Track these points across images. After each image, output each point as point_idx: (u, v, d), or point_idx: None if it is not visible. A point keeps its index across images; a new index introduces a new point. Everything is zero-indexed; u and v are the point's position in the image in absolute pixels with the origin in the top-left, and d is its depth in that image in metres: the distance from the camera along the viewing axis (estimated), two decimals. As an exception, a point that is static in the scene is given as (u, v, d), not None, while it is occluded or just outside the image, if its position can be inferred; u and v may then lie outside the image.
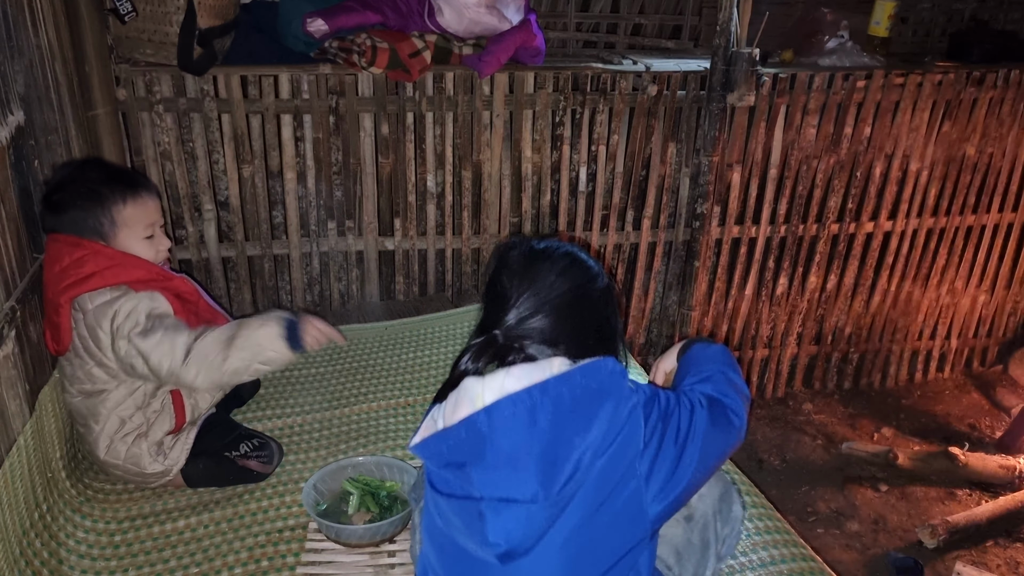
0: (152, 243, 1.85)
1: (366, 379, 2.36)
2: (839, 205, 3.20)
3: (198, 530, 1.77)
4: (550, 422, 1.11)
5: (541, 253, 1.28)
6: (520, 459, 1.11)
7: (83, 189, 1.78)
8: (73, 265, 1.74)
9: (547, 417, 1.11)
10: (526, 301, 1.23)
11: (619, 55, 3.18)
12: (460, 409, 1.16)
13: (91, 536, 1.74)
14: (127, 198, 1.80)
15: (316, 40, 2.68)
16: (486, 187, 2.97)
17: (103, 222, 1.78)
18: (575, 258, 1.29)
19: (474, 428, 1.13)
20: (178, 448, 1.88)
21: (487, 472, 1.12)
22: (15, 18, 1.81)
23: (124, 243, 1.80)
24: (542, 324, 1.22)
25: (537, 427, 1.11)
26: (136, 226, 1.81)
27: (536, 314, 1.22)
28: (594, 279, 1.29)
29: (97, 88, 2.39)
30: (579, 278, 1.27)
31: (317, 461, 1.99)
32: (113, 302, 1.75)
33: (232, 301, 3.00)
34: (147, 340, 1.73)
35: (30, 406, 1.69)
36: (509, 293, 1.24)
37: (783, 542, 1.72)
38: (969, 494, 2.90)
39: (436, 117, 2.85)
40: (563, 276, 1.25)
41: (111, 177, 1.82)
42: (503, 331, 1.23)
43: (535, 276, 1.24)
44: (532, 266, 1.26)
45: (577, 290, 1.26)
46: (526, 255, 1.28)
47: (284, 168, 2.82)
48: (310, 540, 1.74)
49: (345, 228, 2.96)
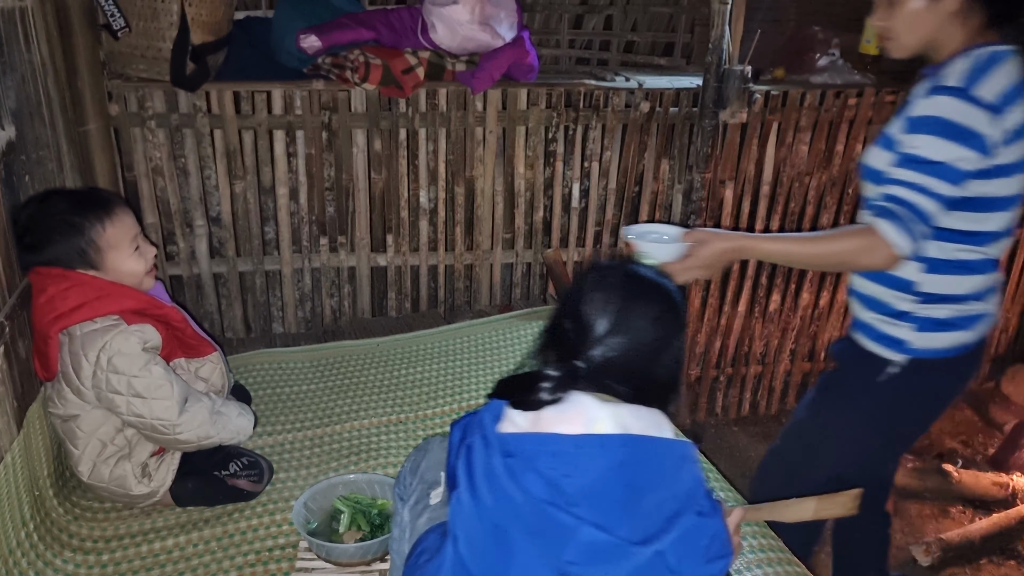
0: (140, 254, 1.84)
1: (357, 396, 2.35)
2: (831, 222, 3.20)
3: (187, 549, 1.75)
4: (641, 476, 1.15)
5: (639, 289, 1.25)
6: (607, 493, 1.13)
7: (56, 223, 1.74)
8: (59, 296, 1.71)
9: (642, 473, 1.15)
10: (615, 339, 1.20)
11: (612, 72, 3.20)
12: (573, 423, 1.17)
13: (78, 555, 1.71)
14: (104, 221, 1.77)
15: (309, 56, 2.68)
16: (479, 203, 2.97)
17: (88, 251, 1.75)
18: (672, 304, 1.26)
19: (586, 448, 1.14)
20: (164, 469, 1.85)
21: (581, 492, 1.14)
22: (7, 33, 1.80)
23: (114, 265, 1.78)
24: (626, 366, 1.21)
25: (628, 476, 1.14)
26: (121, 245, 1.79)
27: (623, 355, 1.20)
28: (682, 329, 1.27)
29: (89, 103, 2.38)
30: (671, 327, 1.24)
31: (308, 479, 1.97)
32: (104, 332, 1.73)
33: (223, 317, 2.98)
34: (144, 382, 1.73)
35: (18, 424, 1.67)
36: (597, 325, 1.21)
37: (778, 560, 1.71)
38: (963, 511, 2.89)
39: (429, 133, 2.85)
40: (657, 322, 1.23)
41: (80, 204, 1.78)
42: (587, 364, 1.20)
43: (629, 315, 1.21)
44: (629, 303, 1.23)
45: (666, 340, 1.23)
46: (625, 287, 1.25)
47: (276, 184, 2.82)
48: (300, 559, 1.72)
49: (337, 244, 2.96)
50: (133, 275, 1.83)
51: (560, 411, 1.18)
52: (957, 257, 1.63)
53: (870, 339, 1.76)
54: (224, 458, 1.91)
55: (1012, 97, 1.53)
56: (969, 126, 1.51)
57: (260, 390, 2.34)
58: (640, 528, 1.13)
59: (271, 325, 3.05)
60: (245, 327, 3.03)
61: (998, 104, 1.51)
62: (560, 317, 1.27)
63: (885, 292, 1.71)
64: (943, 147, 1.53)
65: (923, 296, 1.66)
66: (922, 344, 1.69)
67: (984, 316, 1.70)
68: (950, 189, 1.54)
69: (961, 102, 1.51)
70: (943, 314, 1.66)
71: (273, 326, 3.05)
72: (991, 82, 1.52)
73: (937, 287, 1.65)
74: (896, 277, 1.68)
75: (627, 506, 1.13)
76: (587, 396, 1.19)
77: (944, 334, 1.67)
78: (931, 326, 1.67)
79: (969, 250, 1.63)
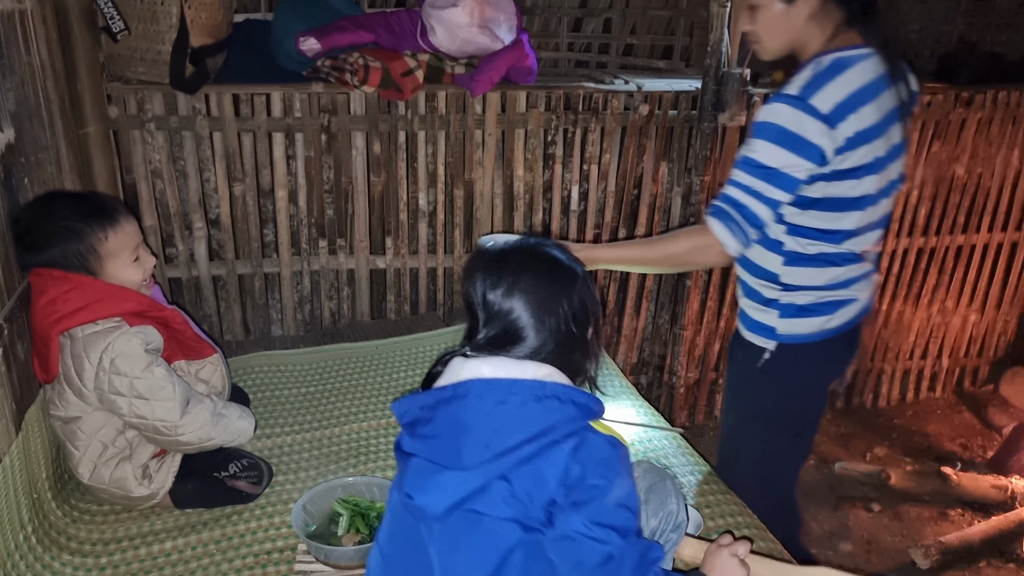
0: (139, 264, 1.84)
1: (357, 398, 2.35)
2: (830, 224, 3.20)
3: (186, 552, 1.75)
4: (505, 414, 1.18)
5: (523, 252, 1.32)
6: (464, 432, 1.18)
7: (59, 227, 1.74)
8: (60, 298, 1.71)
9: (507, 408, 1.18)
10: (508, 303, 1.26)
11: (611, 75, 3.20)
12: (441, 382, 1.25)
13: (77, 558, 1.71)
14: (107, 230, 1.76)
15: (309, 59, 2.68)
16: (478, 206, 2.97)
17: (88, 257, 1.75)
18: (556, 261, 1.32)
19: (443, 396, 1.21)
20: (164, 471, 1.85)
21: (431, 436, 1.21)
22: (7, 36, 1.80)
23: (112, 272, 1.78)
24: (522, 329, 1.26)
25: (505, 411, 1.18)
26: (122, 254, 1.79)
27: (518, 318, 1.26)
28: (573, 283, 1.31)
29: (88, 106, 2.38)
30: (561, 282, 1.29)
31: (307, 481, 1.97)
32: (106, 334, 1.73)
33: (222, 319, 2.98)
34: (146, 383, 1.73)
35: (16, 426, 1.67)
36: (490, 295, 1.27)
37: (776, 563, 1.71)
38: (961, 514, 2.89)
39: (428, 136, 2.85)
40: (546, 279, 1.28)
41: (84, 210, 1.78)
42: (486, 335, 1.27)
43: (517, 278, 1.27)
44: (516, 267, 1.28)
45: (558, 296, 1.28)
46: (510, 253, 1.31)
47: (275, 186, 2.82)
48: (299, 562, 1.72)
49: (336, 246, 2.96)
50: (130, 284, 1.82)
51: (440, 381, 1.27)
52: (814, 251, 1.71)
53: (746, 327, 1.86)
54: (224, 460, 1.91)
55: (849, 106, 1.59)
56: (803, 135, 1.58)
57: (259, 392, 2.34)
58: (470, 457, 1.17)
59: (270, 327, 3.05)
60: (244, 329, 3.03)
61: (831, 115, 1.57)
62: (464, 302, 1.34)
63: (756, 281, 1.81)
64: (777, 154, 1.60)
65: (784, 286, 1.75)
66: (786, 330, 1.78)
67: (848, 302, 1.77)
68: (782, 195, 1.63)
69: (797, 111, 1.58)
70: (804, 301, 1.75)
71: (272, 328, 3.05)
72: (829, 92, 1.58)
73: (797, 279, 1.74)
74: (763, 268, 1.77)
75: (454, 439, 1.19)
76: (460, 358, 1.26)
77: (806, 319, 1.76)
78: (794, 312, 1.76)
79: (826, 246, 1.71)
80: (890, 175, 1.71)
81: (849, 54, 1.62)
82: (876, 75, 1.62)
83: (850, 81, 1.59)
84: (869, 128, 1.61)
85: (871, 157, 1.63)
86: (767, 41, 1.75)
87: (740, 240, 1.66)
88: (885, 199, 1.74)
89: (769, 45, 1.75)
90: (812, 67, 1.62)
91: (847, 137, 1.59)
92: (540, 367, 1.23)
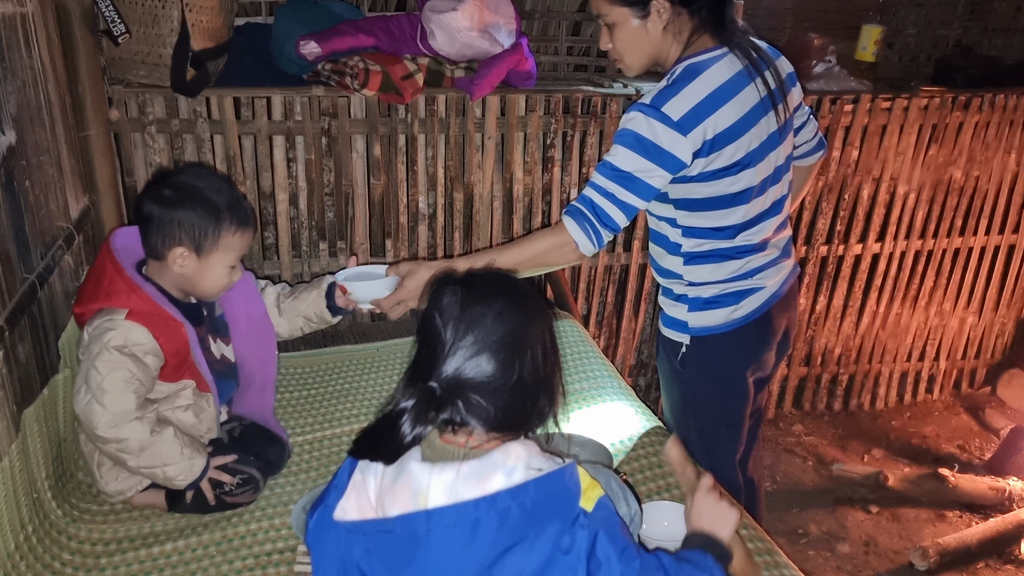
0: (232, 273, 1.86)
1: (357, 400, 2.35)
2: (828, 227, 3.22)
3: (185, 553, 1.75)
4: (492, 540, 1.07)
5: (479, 288, 1.19)
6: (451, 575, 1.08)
7: (205, 200, 1.77)
8: (92, 275, 1.79)
9: (489, 535, 1.07)
10: (463, 344, 1.13)
11: (610, 78, 3.21)
12: (400, 496, 1.12)
13: (76, 558, 1.72)
14: (237, 228, 1.80)
15: (309, 62, 2.69)
16: (477, 209, 2.99)
17: (207, 237, 1.77)
18: (515, 295, 1.21)
19: (411, 529, 1.09)
20: (127, 477, 1.86)
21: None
22: (8, 38, 1.81)
23: (211, 264, 1.80)
24: (480, 376, 1.13)
25: (476, 544, 1.07)
26: (231, 254, 1.82)
27: (474, 363, 1.13)
28: (533, 321, 1.20)
29: (90, 109, 2.39)
30: (519, 320, 1.17)
31: (307, 483, 1.98)
32: (100, 315, 1.77)
33: (222, 322, 2.99)
34: (96, 378, 1.71)
35: (16, 426, 1.67)
36: (444, 335, 1.14)
37: (773, 564, 1.72)
38: (959, 516, 2.90)
39: (428, 139, 2.86)
40: (502, 317, 1.16)
41: (235, 200, 1.82)
42: (440, 383, 1.14)
43: (472, 316, 1.15)
44: (469, 303, 1.16)
45: (516, 335, 1.16)
46: (464, 289, 1.18)
47: (276, 189, 2.83)
48: (299, 563, 1.72)
49: (336, 249, 2.97)
50: (215, 286, 1.85)
51: (392, 478, 1.13)
52: (708, 248, 1.78)
53: (664, 324, 1.93)
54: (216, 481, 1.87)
55: (704, 110, 1.63)
56: (655, 142, 1.63)
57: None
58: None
59: (270, 330, 3.05)
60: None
61: (683, 122, 1.61)
62: (414, 343, 1.21)
63: (665, 280, 1.90)
64: (633, 160, 1.65)
65: (689, 282, 1.83)
66: (697, 323, 1.84)
67: (753, 291, 1.83)
68: (636, 200, 1.67)
69: (650, 119, 1.63)
70: (709, 294, 1.82)
71: (272, 331, 3.05)
72: (681, 99, 1.62)
73: (699, 276, 1.81)
74: (668, 268, 1.86)
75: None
76: (415, 461, 1.13)
77: (713, 311, 1.82)
78: (700, 305, 1.83)
79: (719, 242, 1.77)
80: (774, 163, 1.76)
81: (702, 58, 1.66)
82: (732, 73, 1.66)
83: (703, 85, 1.63)
84: (731, 127, 1.65)
85: (742, 153, 1.68)
86: (628, 58, 1.79)
87: (593, 240, 1.71)
88: (773, 186, 1.79)
89: (631, 62, 1.79)
90: (667, 76, 1.68)
91: (706, 140, 1.63)
92: (507, 455, 1.12)
